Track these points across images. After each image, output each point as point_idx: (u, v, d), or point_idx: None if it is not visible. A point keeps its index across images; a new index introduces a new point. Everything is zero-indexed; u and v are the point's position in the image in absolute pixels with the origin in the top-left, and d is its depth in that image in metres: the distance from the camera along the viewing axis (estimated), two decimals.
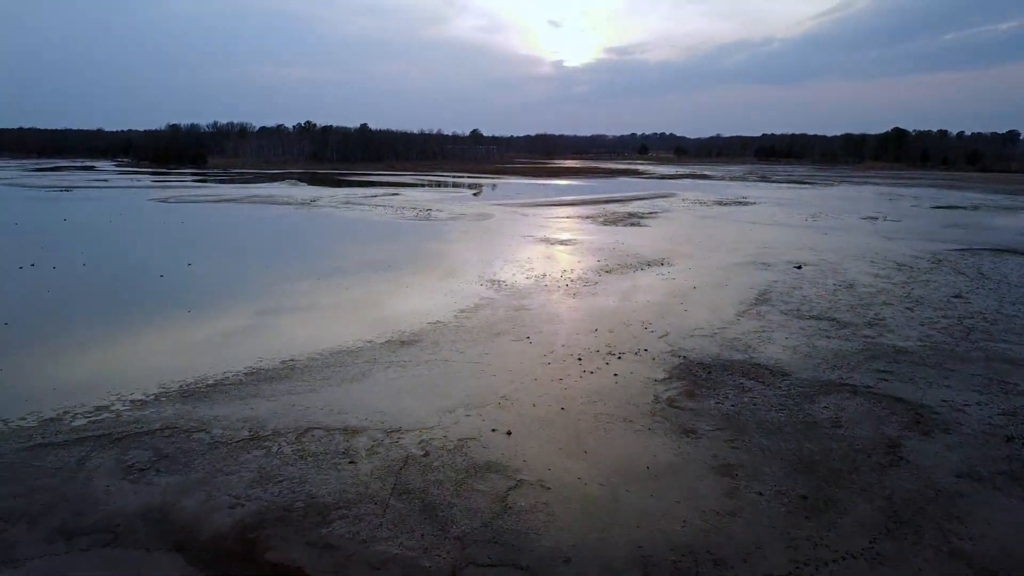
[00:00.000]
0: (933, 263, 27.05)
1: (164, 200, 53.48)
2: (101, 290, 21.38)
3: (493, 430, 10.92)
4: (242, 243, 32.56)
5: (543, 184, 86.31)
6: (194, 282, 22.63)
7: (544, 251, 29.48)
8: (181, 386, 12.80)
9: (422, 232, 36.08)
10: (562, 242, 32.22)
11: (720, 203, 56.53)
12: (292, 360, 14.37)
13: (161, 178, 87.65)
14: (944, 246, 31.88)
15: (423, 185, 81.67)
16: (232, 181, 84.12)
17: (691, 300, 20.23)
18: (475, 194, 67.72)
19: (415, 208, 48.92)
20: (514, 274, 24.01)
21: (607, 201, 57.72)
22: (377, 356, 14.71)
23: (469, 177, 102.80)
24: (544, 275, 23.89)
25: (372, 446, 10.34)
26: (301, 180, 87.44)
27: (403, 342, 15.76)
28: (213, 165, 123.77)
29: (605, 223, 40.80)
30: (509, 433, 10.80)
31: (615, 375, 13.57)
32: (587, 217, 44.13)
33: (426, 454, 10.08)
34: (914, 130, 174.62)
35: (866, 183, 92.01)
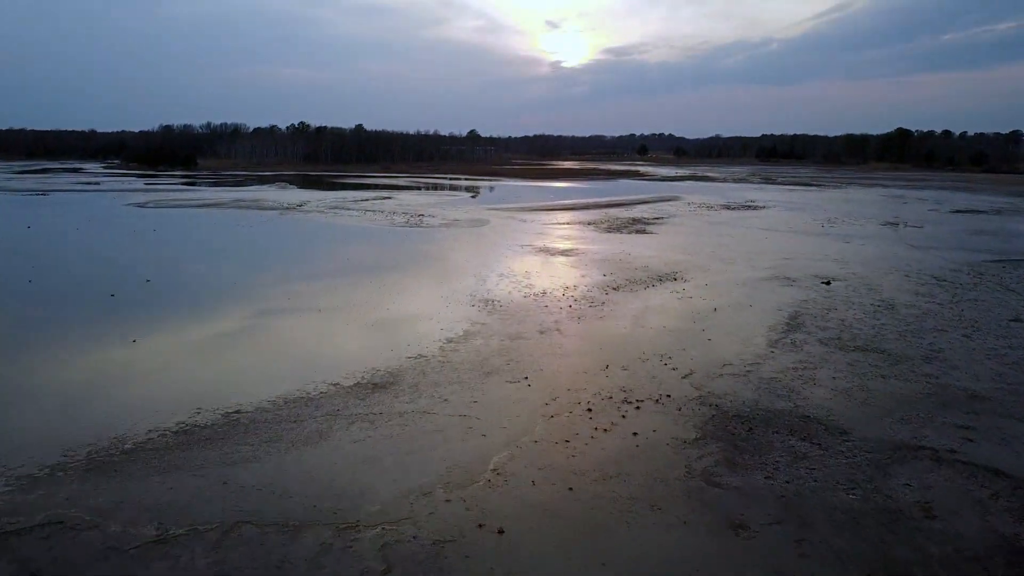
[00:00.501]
0: (975, 277, 24.43)
1: (142, 205, 50.76)
2: (38, 314, 18.67)
3: (480, 525, 8.28)
4: (211, 255, 29.85)
5: (542, 187, 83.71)
6: (147, 303, 19.94)
7: (543, 263, 26.85)
8: (90, 452, 10.15)
9: (411, 241, 33.43)
10: (563, 252, 29.59)
11: (728, 207, 53.94)
12: (237, 412, 11.72)
13: (147, 181, 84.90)
14: (979, 256, 29.29)
15: (418, 188, 79.04)
16: (220, 184, 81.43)
17: (713, 325, 17.61)
18: (472, 196, 65.14)
19: (407, 213, 46.28)
20: (510, 292, 21.38)
21: (609, 205, 55.13)
22: (341, 406, 12.07)
23: (466, 179, 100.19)
24: (544, 293, 21.26)
25: (317, 553, 7.69)
26: (292, 182, 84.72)
27: (375, 385, 13.12)
28: (204, 167, 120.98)
29: (608, 230, 38.19)
30: (501, 532, 8.16)
31: (634, 434, 10.93)
32: (589, 223, 41.51)
33: (387, 569, 7.44)
34: (916, 130, 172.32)
35: (874, 185, 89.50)
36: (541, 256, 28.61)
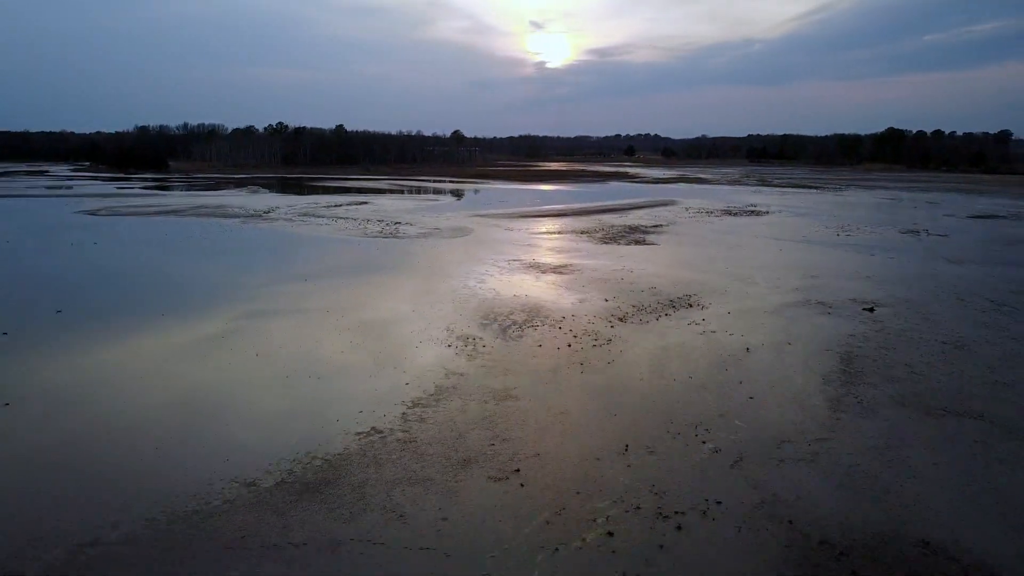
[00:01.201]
0: None
1: (94, 212, 46.45)
2: None
3: None
4: (143, 276, 25.70)
5: (529, 189, 79.98)
6: (46, 344, 15.97)
7: (534, 284, 23.10)
8: None
9: (382, 255, 29.59)
10: (555, 270, 25.87)
11: (729, 212, 50.44)
12: (92, 544, 7.90)
13: (112, 184, 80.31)
14: None
15: (398, 191, 74.98)
16: (190, 187, 77.07)
17: (751, 375, 13.95)
18: (455, 200, 61.31)
19: (382, 220, 42.38)
20: (495, 325, 17.63)
21: (601, 211, 51.49)
22: (250, 529, 8.26)
23: (449, 181, 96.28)
24: (536, 326, 17.54)
25: None
26: (265, 186, 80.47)
27: (305, 485, 9.32)
28: (176, 169, 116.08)
29: (604, 240, 34.52)
30: None
31: None
32: (582, 232, 37.82)
33: None
34: (906, 130, 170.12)
35: (873, 187, 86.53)
36: (531, 274, 24.88)
